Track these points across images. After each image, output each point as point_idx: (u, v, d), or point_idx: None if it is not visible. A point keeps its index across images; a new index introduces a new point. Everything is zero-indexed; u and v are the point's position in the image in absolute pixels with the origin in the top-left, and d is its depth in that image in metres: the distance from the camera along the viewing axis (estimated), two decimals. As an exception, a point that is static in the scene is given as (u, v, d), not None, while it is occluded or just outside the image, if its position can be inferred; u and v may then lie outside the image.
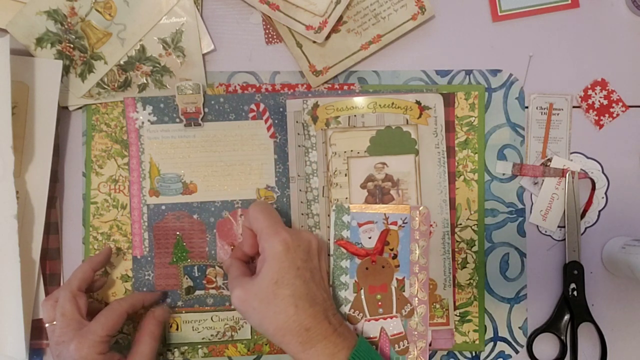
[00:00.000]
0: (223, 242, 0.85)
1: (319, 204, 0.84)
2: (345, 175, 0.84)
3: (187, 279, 0.85)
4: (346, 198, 0.84)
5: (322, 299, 0.74)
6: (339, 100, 0.84)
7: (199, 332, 0.85)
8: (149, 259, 0.85)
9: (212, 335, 0.85)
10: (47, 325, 0.77)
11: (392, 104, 0.84)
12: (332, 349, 0.71)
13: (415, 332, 0.82)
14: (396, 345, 0.82)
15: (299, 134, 0.84)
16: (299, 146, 0.84)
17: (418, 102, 0.84)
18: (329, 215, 0.84)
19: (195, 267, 0.85)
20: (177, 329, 0.84)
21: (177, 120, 0.85)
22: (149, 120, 0.85)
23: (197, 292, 0.85)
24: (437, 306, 0.85)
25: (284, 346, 0.72)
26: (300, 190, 0.84)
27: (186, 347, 0.85)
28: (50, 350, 0.77)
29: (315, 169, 0.84)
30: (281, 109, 0.85)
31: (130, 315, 0.79)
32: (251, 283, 0.73)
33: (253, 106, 0.85)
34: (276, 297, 0.71)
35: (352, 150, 0.84)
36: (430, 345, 0.84)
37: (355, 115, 0.84)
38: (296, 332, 0.71)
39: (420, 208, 0.83)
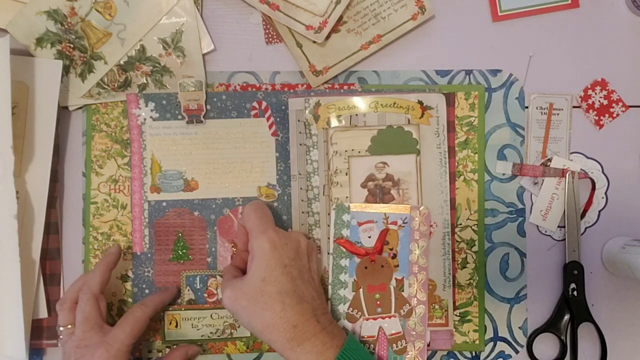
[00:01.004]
0: (224, 239, 0.85)
1: (320, 203, 0.84)
2: (346, 174, 0.84)
3: (189, 290, 0.85)
4: (347, 197, 0.84)
5: (310, 297, 0.75)
6: (341, 99, 0.84)
7: (198, 329, 0.85)
8: (149, 255, 0.85)
9: (211, 333, 0.85)
10: (61, 328, 0.77)
11: (394, 103, 0.84)
12: (320, 347, 0.71)
13: (414, 332, 0.82)
14: (394, 345, 0.82)
15: (300, 132, 0.84)
16: (300, 144, 0.84)
17: (420, 102, 0.84)
18: (329, 214, 0.84)
19: (198, 278, 0.85)
20: (176, 326, 0.84)
21: (179, 117, 0.85)
22: (151, 117, 0.85)
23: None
24: (437, 307, 0.85)
25: (272, 344, 0.72)
26: (301, 188, 0.85)
27: (186, 344, 0.85)
28: (65, 353, 0.76)
29: (316, 168, 0.84)
30: (283, 107, 0.85)
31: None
32: (240, 282, 0.74)
33: (255, 104, 0.85)
34: (263, 295, 0.72)
35: (353, 150, 0.84)
36: (428, 345, 0.84)
37: (356, 115, 0.84)
38: (283, 329, 0.71)
39: (421, 208, 0.83)
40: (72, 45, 0.83)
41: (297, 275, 0.74)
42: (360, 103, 0.84)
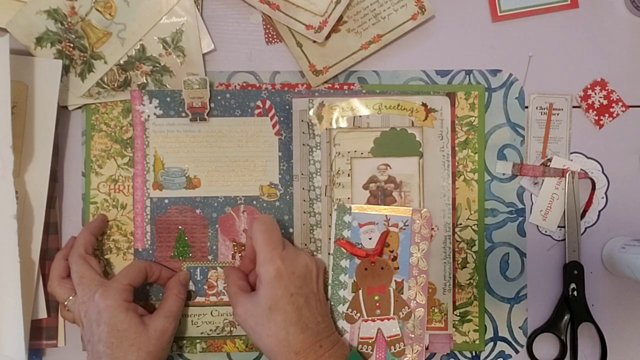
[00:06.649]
0: (225, 237, 0.85)
1: (321, 203, 0.84)
2: (348, 175, 0.84)
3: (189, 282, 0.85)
4: (348, 198, 0.84)
5: (315, 323, 0.76)
6: (345, 101, 0.84)
7: (198, 326, 0.85)
8: (151, 252, 0.85)
9: (211, 330, 0.85)
10: (65, 303, 0.78)
11: (398, 105, 0.84)
12: None
13: (412, 335, 0.82)
14: (392, 347, 0.82)
15: (303, 132, 0.84)
16: (303, 145, 0.84)
17: (424, 104, 0.84)
18: (330, 215, 0.84)
19: (198, 270, 0.85)
20: None
21: (183, 114, 0.85)
22: (154, 114, 0.85)
23: (198, 299, 0.85)
24: (436, 310, 0.85)
25: None
26: (303, 188, 0.84)
27: (184, 342, 0.85)
28: (76, 319, 0.77)
29: (319, 168, 0.84)
30: (287, 107, 0.85)
31: (148, 278, 0.81)
32: (250, 303, 0.76)
33: (259, 103, 0.85)
34: (269, 321, 0.74)
35: (355, 151, 0.84)
36: (427, 349, 0.84)
37: (360, 116, 0.84)
38: (285, 356, 0.73)
39: (423, 211, 0.83)
40: (72, 45, 0.83)
41: (304, 303, 0.75)
42: (364, 104, 0.84)
